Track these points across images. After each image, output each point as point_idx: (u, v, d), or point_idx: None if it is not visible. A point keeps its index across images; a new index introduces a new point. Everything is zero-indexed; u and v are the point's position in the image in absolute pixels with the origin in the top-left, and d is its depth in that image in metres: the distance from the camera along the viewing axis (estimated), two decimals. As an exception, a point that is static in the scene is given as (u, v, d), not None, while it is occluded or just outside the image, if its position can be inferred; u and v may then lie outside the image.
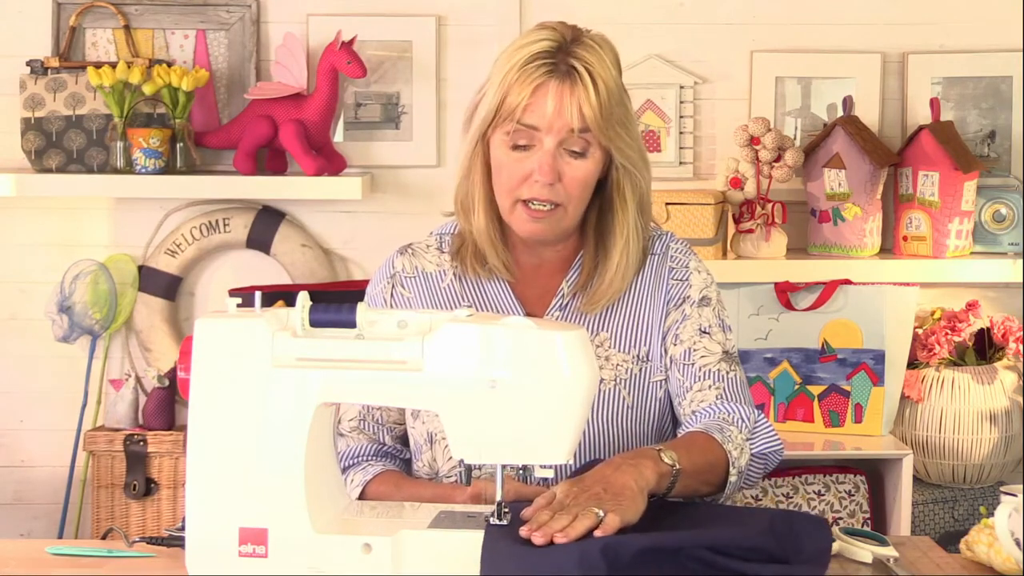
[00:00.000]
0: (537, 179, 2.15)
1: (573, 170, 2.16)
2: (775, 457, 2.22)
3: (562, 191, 2.17)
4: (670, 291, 2.28)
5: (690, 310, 2.27)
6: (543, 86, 2.13)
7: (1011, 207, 3.63)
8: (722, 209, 3.56)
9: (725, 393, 2.23)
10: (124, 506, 3.52)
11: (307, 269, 3.66)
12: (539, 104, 2.13)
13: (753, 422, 2.20)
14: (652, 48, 3.67)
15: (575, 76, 2.13)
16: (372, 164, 3.69)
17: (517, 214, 2.19)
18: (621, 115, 2.18)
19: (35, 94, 3.57)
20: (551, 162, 2.14)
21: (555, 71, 2.14)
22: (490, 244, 2.24)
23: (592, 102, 2.13)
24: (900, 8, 3.69)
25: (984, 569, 2.02)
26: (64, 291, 3.60)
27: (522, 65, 2.14)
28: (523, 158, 2.16)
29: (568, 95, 2.13)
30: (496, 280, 2.28)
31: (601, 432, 2.22)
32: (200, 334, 1.91)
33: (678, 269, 2.29)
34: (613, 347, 2.25)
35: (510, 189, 2.18)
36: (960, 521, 3.44)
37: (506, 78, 2.15)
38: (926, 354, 3.49)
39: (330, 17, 3.63)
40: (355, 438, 2.31)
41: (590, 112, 2.13)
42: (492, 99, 2.17)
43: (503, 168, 2.18)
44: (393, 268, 2.33)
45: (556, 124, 2.13)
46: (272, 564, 1.88)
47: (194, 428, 1.91)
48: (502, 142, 2.17)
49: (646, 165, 2.24)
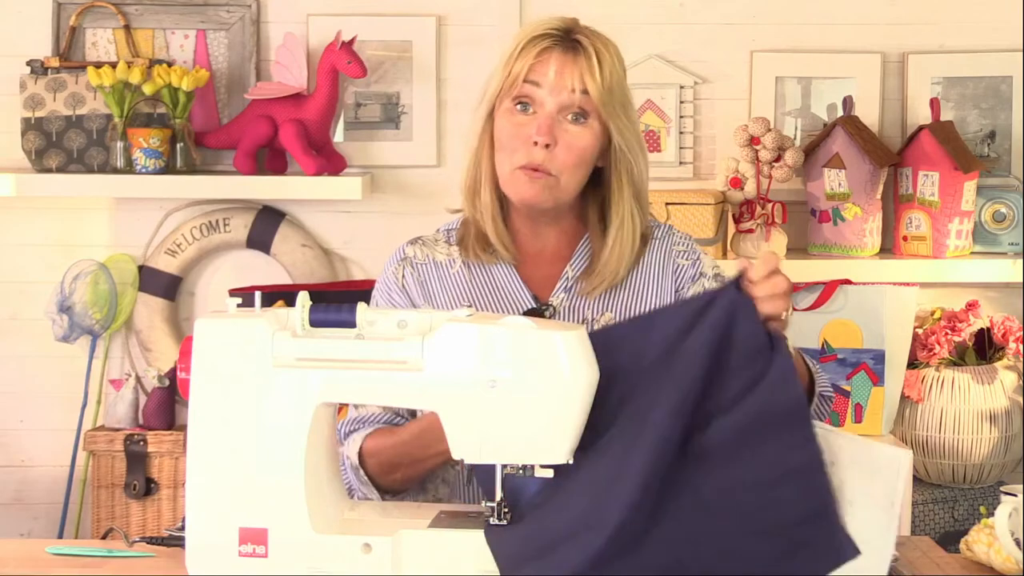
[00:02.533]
0: (535, 139, 2.20)
1: (571, 137, 2.22)
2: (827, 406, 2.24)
3: (557, 159, 2.22)
4: (680, 270, 2.34)
5: (710, 284, 2.32)
6: (548, 52, 2.22)
7: (1011, 207, 3.63)
8: (722, 209, 3.56)
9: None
10: (124, 506, 3.52)
11: (307, 269, 3.66)
12: (543, 66, 2.22)
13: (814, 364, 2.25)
14: (652, 48, 3.67)
15: (579, 49, 2.22)
16: (372, 164, 3.69)
17: (515, 178, 2.24)
18: (622, 98, 2.25)
19: (35, 94, 3.57)
20: (549, 123, 2.21)
21: (560, 43, 2.23)
22: (491, 221, 2.29)
23: (595, 74, 2.21)
24: (900, 8, 3.69)
25: (984, 569, 2.02)
26: (64, 291, 3.60)
27: (528, 40, 2.23)
28: (525, 122, 2.22)
29: (571, 64, 2.22)
30: (502, 264, 2.31)
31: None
32: (200, 334, 1.92)
33: (687, 251, 2.36)
34: None
35: (510, 153, 2.23)
36: (960, 521, 3.44)
37: (512, 55, 2.24)
38: (926, 354, 3.49)
39: (330, 17, 3.63)
40: (369, 408, 2.30)
41: (592, 82, 2.21)
42: (499, 75, 2.25)
43: (505, 135, 2.24)
44: (404, 254, 2.37)
45: (558, 85, 2.21)
46: (272, 564, 1.88)
47: (194, 428, 1.91)
48: (507, 110, 2.24)
49: (643, 154, 2.30)
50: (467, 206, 2.33)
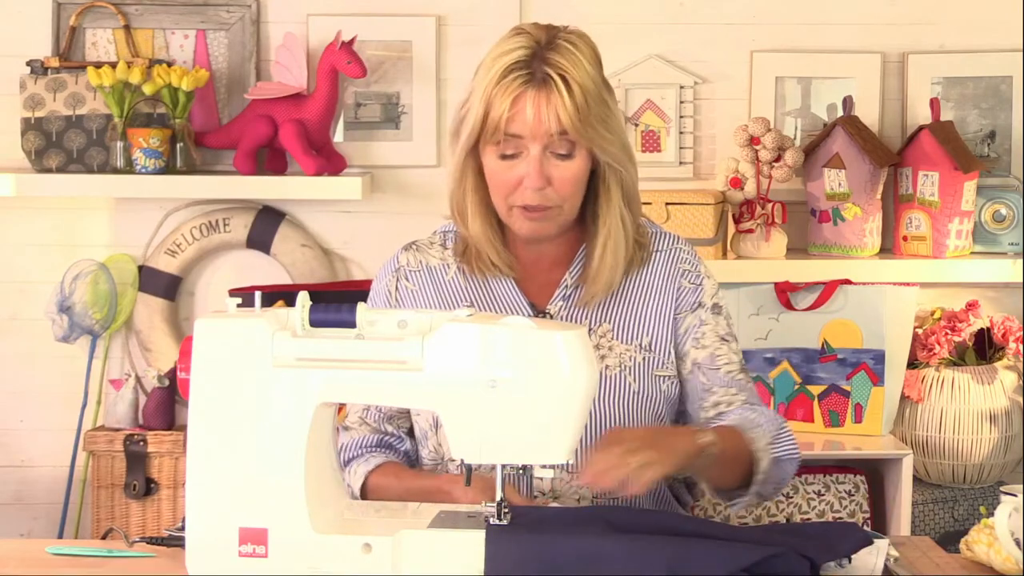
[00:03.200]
0: (527, 185, 2.19)
1: (562, 171, 2.21)
2: (791, 467, 2.25)
3: (554, 193, 2.21)
4: (683, 292, 2.31)
5: (706, 316, 2.31)
6: (521, 96, 2.18)
7: (1011, 207, 3.63)
8: (722, 209, 3.56)
9: (751, 398, 2.29)
10: (124, 506, 3.52)
11: (307, 269, 3.66)
12: (520, 114, 2.18)
13: (778, 427, 2.24)
14: (652, 48, 3.67)
15: (551, 84, 2.17)
16: (372, 164, 3.69)
17: (515, 217, 2.24)
18: (600, 113, 2.21)
19: (35, 94, 3.57)
20: (538, 168, 2.19)
21: (532, 80, 2.18)
22: (489, 246, 2.28)
23: (568, 107, 2.17)
24: (900, 8, 3.69)
25: (984, 569, 2.02)
26: (64, 291, 3.60)
27: (500, 78, 2.18)
28: (513, 165, 2.20)
29: (545, 104, 2.17)
30: (500, 274, 2.30)
31: (606, 417, 2.23)
32: (200, 334, 1.91)
33: (692, 273, 2.33)
34: (616, 338, 2.27)
35: (504, 196, 2.23)
36: (960, 521, 3.44)
37: (487, 92, 2.19)
38: (926, 354, 3.49)
39: (330, 17, 3.63)
40: (359, 430, 2.33)
41: (567, 118, 2.17)
42: (476, 113, 2.21)
43: (495, 177, 2.23)
44: (398, 263, 2.36)
45: (538, 131, 2.18)
46: (272, 564, 1.88)
47: (194, 428, 1.91)
48: (492, 152, 2.22)
49: (630, 159, 2.27)
50: (459, 226, 2.31)
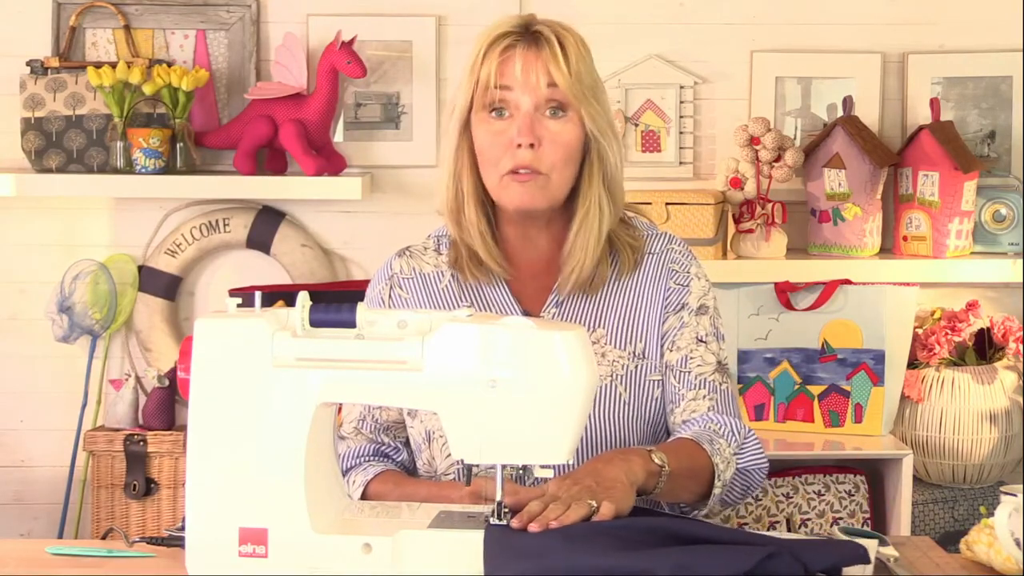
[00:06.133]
0: (519, 141, 2.17)
1: (554, 133, 2.18)
2: (758, 475, 2.24)
3: (545, 157, 2.18)
4: (669, 294, 2.28)
5: (688, 317, 2.28)
6: (511, 51, 2.19)
7: (1011, 207, 3.63)
8: (722, 209, 3.56)
9: (717, 405, 2.26)
10: (124, 506, 3.52)
11: (307, 269, 3.66)
12: (509, 66, 2.18)
13: (743, 437, 2.23)
14: (652, 48, 3.67)
15: (541, 41, 2.19)
16: (372, 164, 3.69)
17: (505, 185, 2.20)
18: (591, 83, 2.21)
19: (35, 94, 3.57)
20: (529, 123, 2.17)
21: (522, 39, 2.20)
22: (480, 237, 2.24)
23: (560, 63, 2.17)
24: (900, 8, 3.69)
25: (984, 569, 2.02)
26: (64, 291, 3.60)
27: (488, 44, 2.20)
28: (504, 128, 2.19)
29: (536, 58, 2.18)
30: (493, 280, 2.28)
31: (597, 428, 2.22)
32: (200, 334, 1.91)
33: (680, 273, 2.30)
34: (609, 343, 2.26)
35: (495, 161, 2.19)
36: (960, 521, 3.44)
37: (476, 60, 2.21)
38: (926, 354, 3.49)
39: (330, 17, 3.63)
40: (355, 440, 2.32)
41: (558, 72, 2.17)
42: (466, 85, 2.23)
43: (486, 145, 2.20)
44: (391, 270, 2.34)
45: (528, 83, 2.17)
46: (272, 564, 1.88)
47: (194, 428, 1.91)
48: (482, 120, 2.20)
49: (616, 140, 2.25)
50: (452, 228, 2.27)
